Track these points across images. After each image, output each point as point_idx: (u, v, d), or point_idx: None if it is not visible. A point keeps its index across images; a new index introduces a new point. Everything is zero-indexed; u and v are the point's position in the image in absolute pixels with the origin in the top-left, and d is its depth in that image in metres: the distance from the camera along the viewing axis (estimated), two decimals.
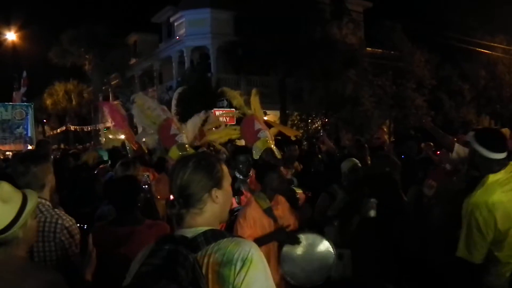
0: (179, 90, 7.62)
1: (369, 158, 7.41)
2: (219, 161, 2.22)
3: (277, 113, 27.89)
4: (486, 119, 34.65)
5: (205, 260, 1.95)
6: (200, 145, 7.71)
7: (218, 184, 2.12)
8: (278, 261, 4.44)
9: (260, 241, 4.06)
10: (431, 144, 9.66)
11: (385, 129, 29.85)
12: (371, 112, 26.79)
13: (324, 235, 4.76)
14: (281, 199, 4.80)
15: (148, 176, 5.37)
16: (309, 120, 27.55)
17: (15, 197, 2.36)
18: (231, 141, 8.39)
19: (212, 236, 2.01)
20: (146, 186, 5.14)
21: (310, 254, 4.42)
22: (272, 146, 6.43)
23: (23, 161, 3.30)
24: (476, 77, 32.18)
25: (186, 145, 6.06)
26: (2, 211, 2.29)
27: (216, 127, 9.01)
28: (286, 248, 4.42)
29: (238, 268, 1.90)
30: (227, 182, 2.20)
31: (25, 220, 2.35)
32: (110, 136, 8.85)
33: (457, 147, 5.66)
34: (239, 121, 7.90)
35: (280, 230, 4.48)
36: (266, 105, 26.54)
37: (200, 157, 2.17)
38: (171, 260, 1.82)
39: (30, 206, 2.39)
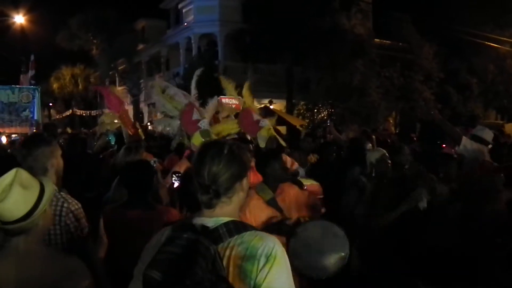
0: (198, 72, 7.34)
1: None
2: (246, 148, 2.21)
3: (284, 102, 27.84)
4: (493, 114, 34.58)
5: (227, 253, 1.91)
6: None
7: (247, 173, 2.12)
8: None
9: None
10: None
11: (391, 121, 29.79)
12: (378, 104, 26.70)
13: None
14: (286, 186, 4.50)
15: (155, 162, 5.35)
16: (315, 110, 27.49)
17: (34, 183, 2.33)
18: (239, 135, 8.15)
19: (235, 228, 1.98)
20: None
21: (321, 244, 4.06)
22: (274, 133, 6.40)
23: (26, 144, 3.31)
24: (484, 71, 32.00)
25: (210, 131, 5.88)
26: (24, 197, 2.25)
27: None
28: (294, 240, 4.03)
29: (261, 264, 1.87)
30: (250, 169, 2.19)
31: (44, 207, 2.32)
32: (105, 120, 8.68)
33: (465, 140, 5.66)
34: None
35: (283, 222, 4.12)
36: (273, 94, 26.67)
37: (233, 145, 2.12)
38: (192, 250, 1.77)
39: (48, 192, 2.36)
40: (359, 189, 5.31)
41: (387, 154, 5.30)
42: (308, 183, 5.40)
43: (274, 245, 1.92)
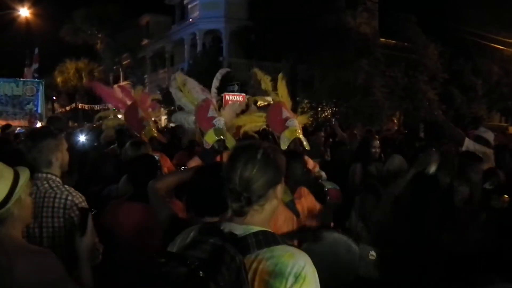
0: (223, 71, 7.08)
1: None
2: (280, 151, 2.07)
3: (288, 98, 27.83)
4: (497, 116, 34.50)
5: (254, 265, 1.81)
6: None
7: (281, 179, 2.00)
8: None
9: None
10: None
11: (395, 121, 29.75)
12: (381, 103, 26.65)
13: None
14: (304, 191, 4.31)
15: (158, 156, 5.34)
16: (319, 108, 27.47)
17: (6, 173, 2.31)
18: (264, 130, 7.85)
19: (265, 239, 1.87)
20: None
21: (333, 254, 3.84)
22: (301, 136, 6.04)
23: (32, 135, 3.31)
24: (489, 73, 31.91)
25: (224, 130, 5.68)
26: None
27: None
28: (306, 247, 3.78)
29: (289, 283, 1.77)
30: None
31: (18, 195, 2.29)
32: (101, 116, 8.53)
33: (467, 142, 5.64)
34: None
35: (303, 229, 3.98)
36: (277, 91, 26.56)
37: (267, 149, 1.98)
38: (216, 257, 1.66)
39: (22, 181, 2.33)
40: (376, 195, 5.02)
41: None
42: (330, 186, 5.18)
43: (304, 264, 1.82)
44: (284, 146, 5.71)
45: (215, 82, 6.80)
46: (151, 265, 1.64)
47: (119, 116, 9.60)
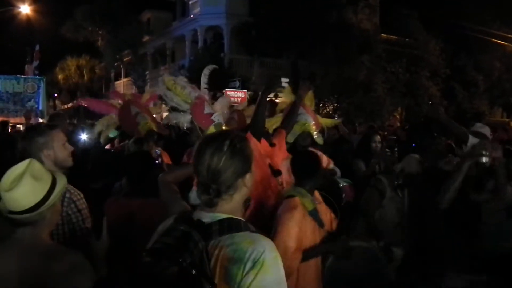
0: (210, 67, 7.02)
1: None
2: (248, 140, 2.07)
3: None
4: (499, 111, 34.45)
5: (216, 252, 1.83)
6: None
7: (250, 167, 2.00)
8: (319, 275, 3.66)
9: (309, 254, 3.47)
10: None
11: (397, 116, 29.73)
12: (383, 99, 26.66)
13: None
14: (317, 195, 3.91)
15: (159, 151, 5.34)
16: (321, 105, 27.46)
17: (46, 176, 2.32)
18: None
19: (228, 226, 1.89)
20: (158, 161, 5.16)
21: (361, 267, 3.66)
22: (315, 132, 5.90)
23: (23, 136, 3.32)
24: (490, 69, 31.86)
25: (223, 125, 5.57)
26: (33, 188, 2.23)
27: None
28: (334, 261, 3.62)
29: (247, 268, 1.77)
30: (253, 163, 2.06)
31: (54, 201, 2.31)
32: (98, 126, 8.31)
33: (471, 139, 5.58)
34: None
35: (332, 239, 3.68)
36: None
37: (234, 139, 1.98)
38: (181, 243, 1.74)
39: (59, 187, 2.35)
40: (380, 193, 4.96)
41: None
42: (345, 183, 5.17)
43: (264, 250, 1.81)
44: (290, 139, 5.59)
45: (203, 79, 6.78)
46: (142, 265, 1.67)
47: None
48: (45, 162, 3.14)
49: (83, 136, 8.14)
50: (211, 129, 5.42)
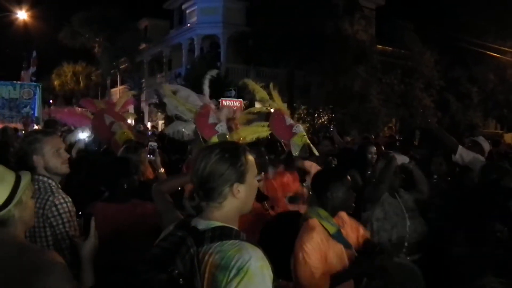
0: (213, 72, 6.84)
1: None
2: (245, 152, 2.10)
3: (285, 106, 27.86)
4: (493, 123, 34.61)
5: (206, 258, 1.87)
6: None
7: (241, 178, 2.02)
8: None
9: (340, 279, 3.26)
10: None
11: (393, 127, 29.88)
12: (378, 110, 26.77)
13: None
14: (343, 215, 3.65)
15: (155, 145, 5.27)
16: (316, 115, 27.56)
17: (8, 176, 2.37)
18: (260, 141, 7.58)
19: (220, 234, 1.93)
20: (152, 156, 5.13)
21: (401, 284, 3.52)
22: (308, 142, 5.83)
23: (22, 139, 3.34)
24: (484, 81, 32.06)
25: (227, 136, 5.42)
26: None
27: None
28: (368, 282, 3.45)
29: (231, 276, 1.80)
30: (251, 175, 2.09)
31: (19, 198, 2.35)
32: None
33: (461, 150, 5.67)
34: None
35: (358, 261, 3.44)
36: None
37: (225, 148, 2.06)
38: (175, 248, 1.83)
39: (23, 183, 2.39)
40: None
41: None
42: None
43: (249, 258, 1.82)
44: (296, 152, 5.55)
45: (205, 85, 6.71)
46: (132, 273, 1.75)
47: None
48: (37, 169, 3.18)
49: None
50: (214, 139, 5.30)
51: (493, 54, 30.16)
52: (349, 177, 3.55)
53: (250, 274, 1.79)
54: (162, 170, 5.23)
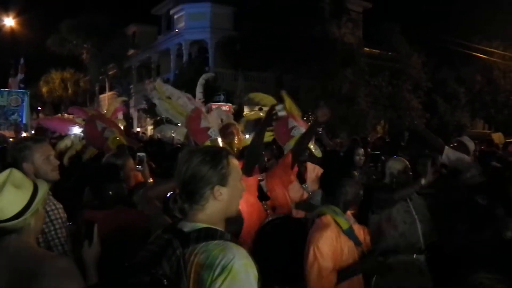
0: (206, 76, 6.72)
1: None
2: (227, 155, 2.11)
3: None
4: (480, 123, 34.86)
5: (191, 258, 1.90)
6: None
7: (222, 181, 2.04)
8: None
9: (345, 275, 3.34)
10: None
11: (381, 129, 30.01)
12: (366, 112, 26.88)
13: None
14: (349, 215, 3.75)
15: (143, 156, 5.22)
16: (305, 118, 27.59)
17: (27, 183, 2.37)
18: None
19: (205, 235, 1.96)
20: (140, 166, 5.11)
21: (408, 284, 3.65)
22: (310, 144, 5.82)
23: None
24: (472, 81, 32.33)
25: (220, 141, 5.39)
26: (14, 196, 2.29)
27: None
28: (379, 279, 3.60)
29: (216, 274, 1.82)
30: (234, 178, 2.10)
31: (37, 207, 2.36)
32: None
33: (447, 150, 5.74)
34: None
35: (368, 258, 3.53)
36: None
37: (207, 151, 2.09)
38: (162, 250, 1.87)
39: (41, 193, 2.40)
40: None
41: (409, 166, 4.81)
42: None
43: (233, 257, 1.85)
44: None
45: (199, 88, 6.64)
46: (118, 277, 1.80)
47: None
48: (28, 175, 3.20)
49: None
50: (207, 145, 5.18)
51: (479, 55, 30.46)
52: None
53: (234, 272, 1.82)
54: (151, 180, 5.21)
